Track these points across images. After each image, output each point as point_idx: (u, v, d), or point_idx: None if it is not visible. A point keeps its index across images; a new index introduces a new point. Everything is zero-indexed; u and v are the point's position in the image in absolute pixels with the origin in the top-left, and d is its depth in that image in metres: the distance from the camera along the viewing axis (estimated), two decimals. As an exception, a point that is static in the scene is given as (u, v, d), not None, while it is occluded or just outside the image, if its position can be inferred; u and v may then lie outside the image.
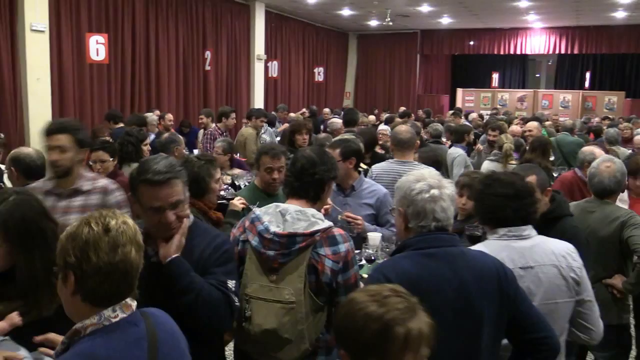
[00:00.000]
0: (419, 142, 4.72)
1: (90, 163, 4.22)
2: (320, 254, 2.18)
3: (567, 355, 2.94)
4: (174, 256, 1.99)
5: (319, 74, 16.56)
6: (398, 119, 8.73)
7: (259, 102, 14.02)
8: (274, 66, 14.60)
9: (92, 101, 9.80)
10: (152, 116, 8.21)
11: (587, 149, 4.83)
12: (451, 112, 12.89)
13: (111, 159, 4.16)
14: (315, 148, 2.53)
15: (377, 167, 4.23)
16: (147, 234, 1.95)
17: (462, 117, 11.67)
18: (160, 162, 1.99)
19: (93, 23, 9.69)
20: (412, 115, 11.88)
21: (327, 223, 2.24)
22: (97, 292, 1.40)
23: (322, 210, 3.42)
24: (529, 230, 2.24)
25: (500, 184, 2.26)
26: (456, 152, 6.51)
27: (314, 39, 17.52)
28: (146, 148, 4.62)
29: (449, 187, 1.97)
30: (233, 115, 7.22)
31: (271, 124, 9.17)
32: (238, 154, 6.56)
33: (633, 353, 4.42)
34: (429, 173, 2.04)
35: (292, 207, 2.26)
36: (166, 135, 5.26)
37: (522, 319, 1.91)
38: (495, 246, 2.16)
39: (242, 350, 2.32)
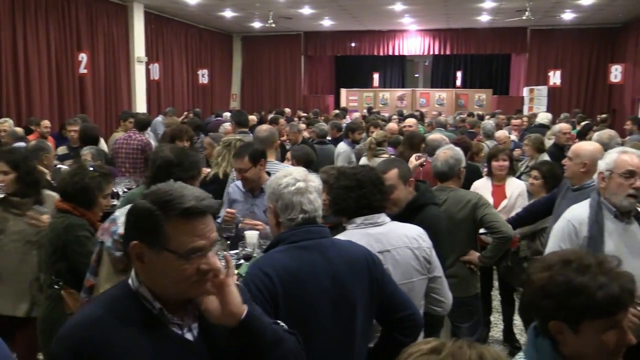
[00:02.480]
0: (278, 142, 4.84)
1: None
2: None
3: (434, 331, 3.21)
4: (246, 308, 1.48)
5: (203, 76, 16.34)
6: (281, 120, 8.86)
7: (141, 105, 13.57)
8: (156, 68, 14.21)
9: (-49, 109, 9.01)
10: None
11: (432, 136, 5.24)
12: (335, 112, 13.30)
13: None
14: (176, 148, 2.54)
15: None
16: (161, 299, 1.43)
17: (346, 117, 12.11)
18: (189, 188, 1.47)
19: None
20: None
21: None
22: None
23: (226, 217, 3.45)
24: (383, 217, 2.41)
25: (344, 177, 2.42)
26: (341, 148, 6.79)
27: (197, 40, 17.23)
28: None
29: (315, 181, 2.06)
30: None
31: (200, 128, 8.90)
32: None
33: (501, 326, 4.89)
34: (296, 170, 2.13)
35: None
36: (33, 142, 4.96)
37: (389, 300, 2.04)
38: (354, 235, 2.30)
39: None
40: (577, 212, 2.84)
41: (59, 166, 4.91)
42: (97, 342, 1.35)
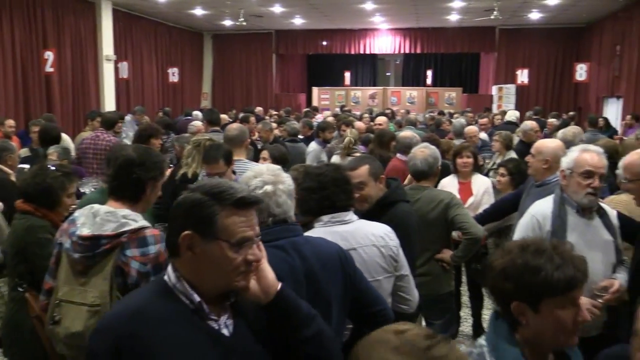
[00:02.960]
0: (249, 140, 4.84)
1: None
2: (128, 256, 2.12)
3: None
4: (280, 284, 1.57)
5: (174, 74, 16.17)
6: (252, 119, 8.82)
7: (109, 104, 13.37)
8: (125, 67, 14.02)
9: None
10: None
11: (403, 134, 5.30)
12: (305, 110, 13.31)
13: None
14: (140, 147, 2.46)
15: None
16: (200, 293, 1.45)
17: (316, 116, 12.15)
18: (234, 182, 1.52)
19: None
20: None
21: (139, 224, 2.16)
22: None
23: None
24: (350, 215, 2.41)
25: (308, 177, 2.41)
26: (311, 147, 6.82)
27: (167, 38, 17.05)
28: None
29: (285, 182, 2.03)
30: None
31: (171, 127, 8.79)
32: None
33: (470, 321, 4.97)
34: (267, 168, 2.09)
35: (103, 208, 2.20)
36: (-5, 142, 4.85)
37: (361, 295, 2.05)
38: (320, 233, 2.29)
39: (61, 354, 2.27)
40: (541, 207, 2.91)
41: (22, 166, 4.81)
42: (137, 336, 1.37)
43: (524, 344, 1.61)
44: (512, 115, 10.21)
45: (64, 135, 7.48)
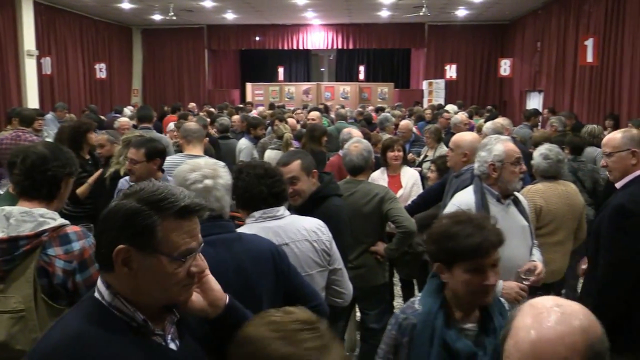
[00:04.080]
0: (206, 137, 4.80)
1: None
2: (50, 255, 2.04)
3: (338, 319, 3.30)
4: (227, 296, 1.53)
5: (101, 70, 15.63)
6: (190, 117, 8.68)
7: (32, 102, 12.76)
8: (48, 62, 13.42)
9: None
10: None
11: (345, 130, 5.40)
12: (238, 106, 13.23)
13: None
14: (50, 144, 2.39)
15: (167, 161, 4.16)
16: (142, 309, 1.32)
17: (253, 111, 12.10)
18: (174, 186, 1.37)
19: None
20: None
21: (58, 222, 2.09)
22: None
23: None
24: (282, 210, 2.41)
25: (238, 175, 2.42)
26: (243, 144, 6.75)
27: (93, 33, 16.44)
28: None
29: (224, 177, 2.02)
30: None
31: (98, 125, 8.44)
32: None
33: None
34: (205, 162, 2.06)
35: (17, 208, 2.09)
36: None
37: (296, 291, 2.07)
38: (252, 229, 2.28)
39: None
40: (463, 197, 3.03)
41: None
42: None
43: (450, 299, 1.88)
44: (451, 109, 10.88)
45: (-18, 135, 7.12)
